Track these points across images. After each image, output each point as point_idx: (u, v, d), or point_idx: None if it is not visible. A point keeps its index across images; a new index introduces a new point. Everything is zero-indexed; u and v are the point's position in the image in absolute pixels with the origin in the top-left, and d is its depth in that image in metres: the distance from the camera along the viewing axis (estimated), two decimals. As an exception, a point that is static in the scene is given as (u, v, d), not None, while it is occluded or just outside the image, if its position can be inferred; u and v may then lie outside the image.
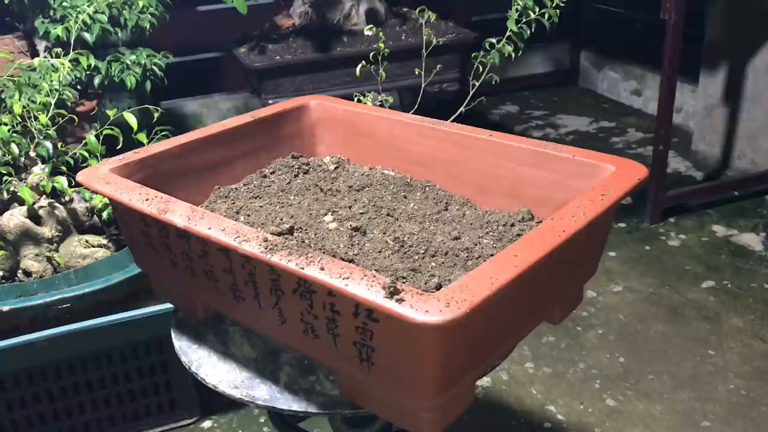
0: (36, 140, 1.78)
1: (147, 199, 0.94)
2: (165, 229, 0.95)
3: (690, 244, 2.65)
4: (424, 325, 0.67)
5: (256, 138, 1.25)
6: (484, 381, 2.03)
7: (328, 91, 2.70)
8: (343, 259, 0.87)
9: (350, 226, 0.99)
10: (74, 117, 1.85)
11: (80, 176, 1.04)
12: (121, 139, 1.73)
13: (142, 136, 1.73)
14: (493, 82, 1.77)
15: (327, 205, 1.09)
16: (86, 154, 1.79)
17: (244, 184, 1.20)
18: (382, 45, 1.78)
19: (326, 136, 1.33)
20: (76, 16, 2.13)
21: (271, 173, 1.23)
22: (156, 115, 1.81)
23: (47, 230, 1.77)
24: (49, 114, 1.78)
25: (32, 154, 1.81)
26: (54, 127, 1.79)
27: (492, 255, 0.89)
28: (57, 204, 1.81)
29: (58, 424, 1.77)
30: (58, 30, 2.12)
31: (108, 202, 1.76)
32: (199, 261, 0.94)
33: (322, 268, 0.75)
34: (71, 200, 1.89)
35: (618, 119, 3.87)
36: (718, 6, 3.04)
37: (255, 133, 1.25)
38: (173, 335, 1.09)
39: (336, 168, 1.25)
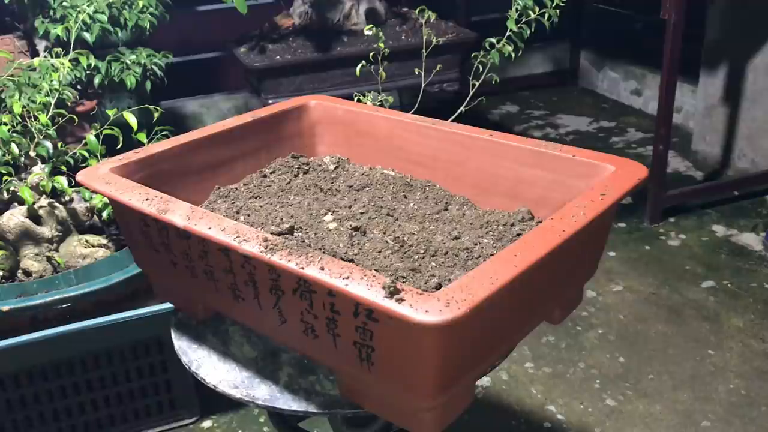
0: (36, 140, 1.78)
1: (147, 199, 0.94)
2: (165, 229, 0.95)
3: (690, 244, 2.66)
4: (423, 325, 0.67)
5: (256, 138, 1.25)
6: (484, 381, 2.03)
7: (328, 91, 2.70)
8: (343, 259, 0.87)
9: (350, 225, 0.99)
10: (74, 117, 1.85)
11: (80, 176, 1.04)
12: (121, 139, 1.73)
13: (142, 136, 1.73)
14: (493, 82, 1.77)
15: (327, 205, 1.09)
16: (86, 153, 1.79)
17: (244, 184, 1.20)
18: (382, 45, 1.78)
19: (326, 136, 1.33)
20: (76, 16, 2.13)
21: (271, 173, 1.23)
22: (156, 115, 1.81)
23: (47, 230, 1.77)
24: (49, 114, 1.78)
25: (32, 153, 1.81)
26: (54, 127, 1.79)
27: (492, 255, 0.89)
28: (57, 204, 1.81)
29: (58, 424, 1.77)
30: (58, 30, 2.12)
31: (108, 201, 1.76)
32: (199, 261, 0.94)
33: (322, 268, 0.75)
34: (71, 200, 1.89)
35: (618, 119, 3.87)
36: (718, 6, 3.04)
37: (255, 133, 1.25)
38: (173, 335, 1.09)
39: (336, 168, 1.25)
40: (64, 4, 2.22)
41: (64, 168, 1.80)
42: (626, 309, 2.31)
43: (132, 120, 1.71)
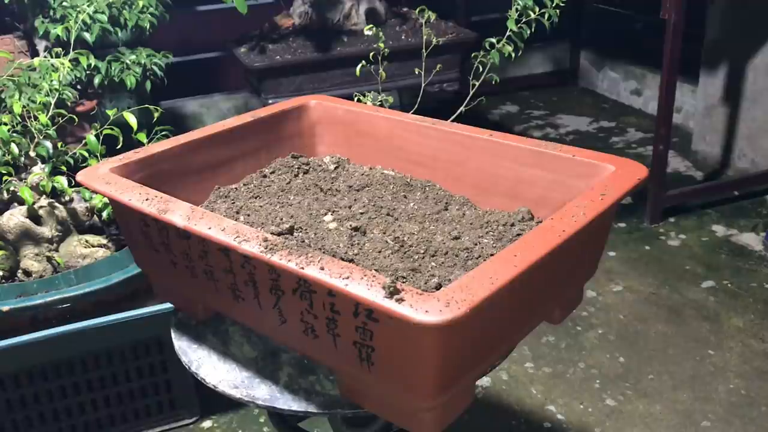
0: (36, 140, 1.78)
1: (147, 199, 0.94)
2: (165, 229, 0.95)
3: (690, 244, 2.65)
4: (423, 325, 0.67)
5: (256, 138, 1.25)
6: (484, 381, 2.03)
7: (328, 91, 2.70)
8: (343, 259, 0.87)
9: (350, 225, 0.99)
10: (74, 117, 1.85)
11: (80, 176, 1.04)
12: (121, 139, 1.73)
13: (142, 136, 1.73)
14: (493, 82, 1.77)
15: (327, 205, 1.09)
16: (86, 153, 1.79)
17: (244, 184, 1.20)
18: (382, 45, 1.78)
19: (326, 136, 1.33)
20: (76, 16, 2.13)
21: (271, 173, 1.23)
22: (156, 115, 1.81)
23: (47, 230, 1.77)
24: (49, 114, 1.78)
25: (32, 154, 1.81)
26: (54, 127, 1.79)
27: (492, 255, 0.89)
28: (57, 204, 1.81)
29: (58, 424, 1.77)
30: (58, 30, 2.12)
31: (108, 201, 1.76)
32: (199, 261, 0.94)
33: (322, 268, 0.75)
34: (71, 200, 1.89)
35: (618, 119, 3.87)
36: (718, 6, 3.05)
37: (255, 133, 1.25)
38: (173, 335, 1.09)
39: (336, 168, 1.25)
40: (64, 4, 2.22)
41: (64, 168, 1.80)
42: (626, 309, 2.31)
43: (132, 120, 1.71)
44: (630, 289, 2.41)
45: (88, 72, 2.14)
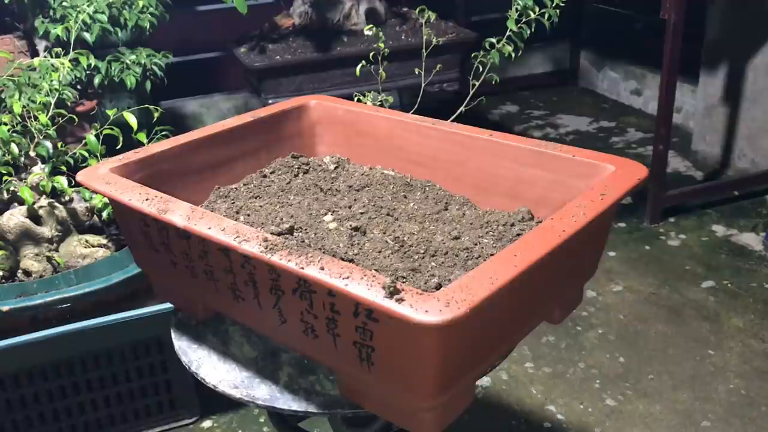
0: (36, 140, 1.78)
1: (147, 199, 0.94)
2: (165, 229, 0.95)
3: (690, 244, 2.65)
4: (423, 325, 0.67)
5: (256, 138, 1.25)
6: (484, 381, 2.03)
7: (328, 91, 2.70)
8: (343, 259, 0.87)
9: (350, 225, 0.99)
10: (74, 117, 1.85)
11: (80, 176, 1.04)
12: (121, 139, 1.73)
13: (142, 136, 1.73)
14: (493, 82, 1.77)
15: (327, 205, 1.09)
16: (86, 153, 1.79)
17: (244, 184, 1.20)
18: (382, 45, 1.78)
19: (326, 136, 1.33)
20: (76, 16, 2.13)
21: (271, 173, 1.23)
22: (156, 115, 1.81)
23: (47, 230, 1.77)
24: (49, 114, 1.78)
25: (32, 153, 1.81)
26: (54, 127, 1.79)
27: (492, 255, 0.89)
28: (57, 204, 1.81)
29: (58, 424, 1.77)
30: (58, 30, 2.12)
31: (108, 201, 1.76)
32: (199, 261, 0.94)
33: (322, 268, 0.75)
34: (71, 200, 1.89)
35: (618, 119, 3.87)
36: (718, 6, 3.05)
37: (255, 133, 1.25)
38: (173, 335, 1.09)
39: (336, 168, 1.25)
40: (64, 4, 2.22)
41: (64, 168, 1.80)
42: (626, 309, 2.31)
43: (132, 120, 1.71)
44: (630, 289, 2.41)
45: (88, 72, 2.14)
